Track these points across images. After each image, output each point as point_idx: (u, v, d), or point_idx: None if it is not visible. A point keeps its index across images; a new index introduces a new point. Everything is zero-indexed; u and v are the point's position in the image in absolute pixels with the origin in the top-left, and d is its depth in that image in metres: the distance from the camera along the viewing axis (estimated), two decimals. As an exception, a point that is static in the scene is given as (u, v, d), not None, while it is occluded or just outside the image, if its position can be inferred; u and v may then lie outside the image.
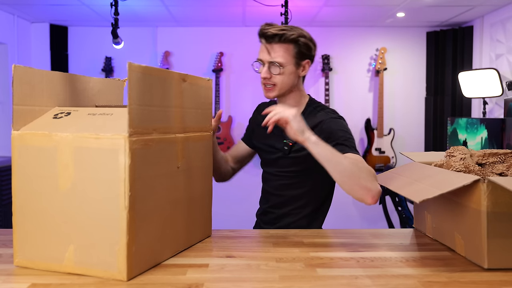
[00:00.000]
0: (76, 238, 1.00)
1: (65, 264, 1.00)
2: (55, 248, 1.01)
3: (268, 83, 1.50)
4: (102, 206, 0.98)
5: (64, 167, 1.00)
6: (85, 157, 0.99)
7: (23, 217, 1.06)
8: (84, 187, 0.99)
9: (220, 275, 1.00)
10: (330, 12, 3.78)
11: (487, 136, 3.04)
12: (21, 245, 1.06)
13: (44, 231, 1.03)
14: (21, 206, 1.07)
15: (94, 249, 0.98)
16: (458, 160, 1.24)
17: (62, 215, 1.01)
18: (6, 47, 3.79)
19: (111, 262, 0.97)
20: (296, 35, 1.47)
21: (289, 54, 1.48)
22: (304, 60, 1.52)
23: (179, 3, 3.54)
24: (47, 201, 1.02)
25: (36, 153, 1.04)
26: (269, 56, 1.48)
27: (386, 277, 1.00)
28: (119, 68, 4.33)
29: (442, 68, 4.29)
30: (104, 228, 0.97)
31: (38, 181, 1.03)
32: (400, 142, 4.42)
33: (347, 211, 4.47)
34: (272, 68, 1.48)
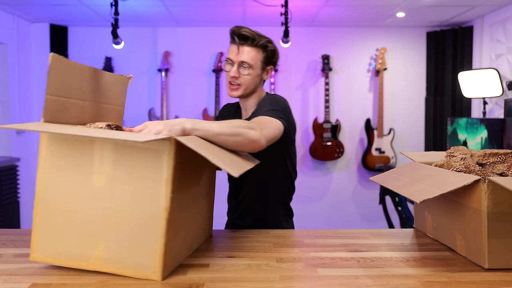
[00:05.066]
0: (107, 236, 0.98)
1: (93, 262, 0.99)
2: (82, 245, 0.99)
3: (235, 81, 1.58)
4: (139, 206, 0.97)
5: (100, 162, 0.98)
6: (127, 155, 0.97)
7: (47, 212, 1.02)
8: (122, 185, 0.97)
9: (220, 275, 1.00)
10: (330, 12, 3.78)
11: (487, 136, 3.04)
12: (42, 240, 1.02)
13: (71, 227, 1.00)
14: (45, 199, 1.02)
15: (127, 248, 0.97)
16: (458, 160, 1.24)
17: (93, 212, 0.99)
18: (6, 47, 3.79)
19: (145, 262, 0.96)
20: (266, 42, 1.58)
21: (258, 58, 1.58)
22: (269, 66, 1.63)
23: (179, 3, 3.54)
24: (77, 196, 1.00)
25: (69, 145, 1.01)
26: (240, 56, 1.56)
27: (386, 277, 1.00)
28: (119, 68, 4.33)
29: (442, 68, 4.29)
30: (140, 228, 0.97)
31: (68, 174, 1.00)
32: (400, 142, 4.42)
33: (347, 211, 4.47)
34: (241, 69, 1.56)
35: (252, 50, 1.56)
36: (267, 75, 1.64)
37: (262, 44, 1.56)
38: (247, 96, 1.63)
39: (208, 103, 4.34)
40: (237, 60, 1.56)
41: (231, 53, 1.58)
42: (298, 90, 4.42)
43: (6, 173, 3.56)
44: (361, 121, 4.40)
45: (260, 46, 1.56)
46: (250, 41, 1.55)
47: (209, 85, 4.37)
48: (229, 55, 1.59)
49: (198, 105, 4.34)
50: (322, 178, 4.46)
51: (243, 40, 1.55)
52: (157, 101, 4.35)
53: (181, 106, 4.36)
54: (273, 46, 1.61)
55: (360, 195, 4.47)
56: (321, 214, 4.38)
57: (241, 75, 1.57)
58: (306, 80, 4.41)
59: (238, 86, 1.58)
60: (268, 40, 1.59)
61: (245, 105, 1.67)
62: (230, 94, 1.60)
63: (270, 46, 1.59)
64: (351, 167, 4.47)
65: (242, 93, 1.59)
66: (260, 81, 1.63)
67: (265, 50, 1.58)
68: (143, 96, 4.37)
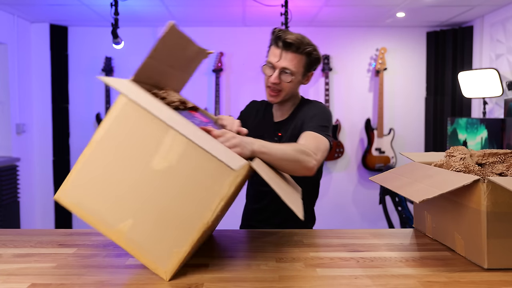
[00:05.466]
0: (140, 216, 0.98)
1: (114, 232, 0.98)
2: (112, 212, 0.99)
3: (275, 88, 1.52)
4: (184, 205, 0.97)
5: (169, 149, 0.97)
6: (198, 155, 0.96)
7: (93, 163, 1.00)
8: (179, 179, 0.97)
9: (220, 275, 1.00)
10: (330, 12, 3.78)
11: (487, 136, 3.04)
12: (75, 186, 1.01)
13: (110, 190, 0.99)
14: (98, 151, 1.01)
15: (152, 237, 0.97)
16: (458, 160, 1.24)
17: (138, 188, 0.98)
18: (6, 47, 3.79)
19: (162, 258, 0.97)
20: (311, 49, 1.52)
21: (301, 64, 1.52)
22: (310, 72, 1.58)
23: (179, 3, 3.54)
24: (130, 166, 0.99)
25: (145, 117, 0.98)
26: (282, 62, 1.49)
27: (386, 277, 1.00)
28: (119, 68, 4.33)
29: (442, 68, 4.29)
30: (174, 225, 0.97)
31: (131, 142, 0.99)
32: (400, 142, 4.42)
33: (347, 211, 4.47)
34: (282, 75, 1.50)
35: (295, 57, 1.49)
36: (307, 80, 1.59)
37: (307, 52, 1.51)
38: (284, 102, 1.60)
39: (208, 103, 4.34)
40: (279, 66, 1.49)
41: (272, 57, 1.51)
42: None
43: (6, 173, 3.56)
44: (361, 121, 4.40)
45: (305, 54, 1.51)
46: (295, 48, 1.48)
47: (209, 85, 4.37)
48: (270, 58, 1.52)
49: (198, 105, 4.33)
50: (322, 178, 4.43)
51: (287, 46, 1.48)
52: (157, 101, 4.35)
53: (181, 106, 4.36)
54: (317, 54, 1.55)
55: (360, 195, 4.47)
56: (321, 214, 4.37)
57: (282, 82, 1.51)
58: (306, 80, 4.40)
59: (278, 92, 1.53)
60: (313, 47, 1.53)
61: (280, 108, 1.64)
62: (270, 100, 1.56)
63: (315, 54, 1.53)
64: (351, 167, 4.46)
65: (282, 99, 1.56)
66: (299, 86, 1.60)
67: (309, 57, 1.52)
68: (143, 96, 4.37)
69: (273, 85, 1.52)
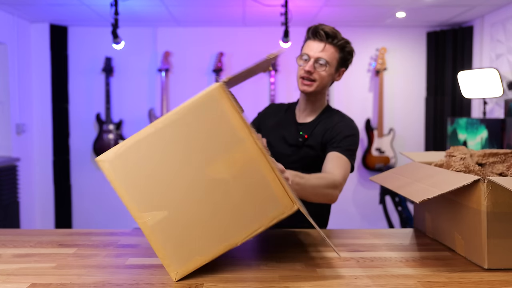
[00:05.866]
0: (176, 213, 0.96)
1: (142, 216, 0.95)
2: (150, 198, 0.96)
3: (309, 77, 1.55)
4: (227, 218, 0.96)
5: (234, 158, 0.95)
6: (256, 175, 0.96)
7: (147, 145, 0.96)
8: (231, 190, 0.96)
9: (220, 275, 1.00)
10: (330, 12, 3.78)
11: (487, 136, 3.04)
12: (123, 158, 0.96)
13: (155, 177, 0.96)
14: (155, 137, 0.95)
15: (180, 237, 0.96)
16: (458, 160, 1.24)
17: (184, 185, 0.95)
18: (6, 47, 3.79)
19: (181, 260, 0.96)
20: (344, 42, 1.56)
21: (334, 57, 1.56)
22: (342, 68, 1.61)
23: (179, 3, 3.54)
24: (185, 161, 0.96)
25: (225, 118, 0.95)
26: (318, 53, 1.53)
27: (386, 277, 1.00)
28: (119, 68, 4.33)
29: (442, 68, 4.29)
30: (205, 233, 0.96)
31: (195, 137, 0.95)
32: (400, 142, 4.42)
33: (347, 211, 4.47)
34: (317, 65, 1.54)
35: (331, 48, 1.54)
36: (339, 77, 1.62)
37: (341, 45, 1.55)
38: (316, 95, 1.61)
39: (208, 103, 4.34)
40: (314, 55, 1.53)
41: (307, 49, 1.55)
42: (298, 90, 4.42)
43: (6, 173, 3.56)
44: (361, 121, 4.40)
45: (339, 46, 1.55)
46: (331, 39, 1.53)
47: (209, 85, 4.36)
48: (305, 50, 1.56)
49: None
50: (322, 178, 4.45)
51: (324, 37, 1.53)
52: (157, 101, 4.35)
53: (181, 106, 4.36)
54: (351, 48, 1.59)
55: (360, 195, 4.47)
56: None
57: (316, 71, 1.54)
58: (306, 80, 4.40)
59: (312, 82, 1.56)
60: (346, 41, 1.57)
61: (308, 105, 1.64)
62: (302, 89, 1.58)
63: (348, 47, 1.57)
64: (351, 167, 4.46)
65: (315, 90, 1.57)
66: (331, 82, 1.61)
67: (342, 51, 1.56)
68: (143, 96, 4.37)
69: (307, 74, 1.55)
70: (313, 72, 1.54)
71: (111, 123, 4.27)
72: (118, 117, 4.35)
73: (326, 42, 1.53)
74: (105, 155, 0.97)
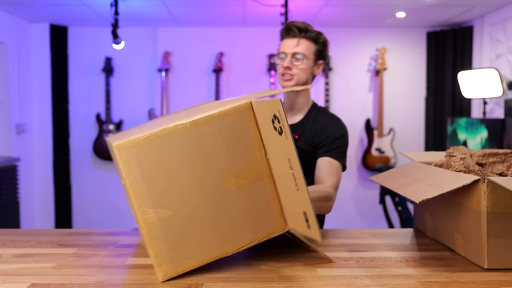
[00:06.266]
0: (180, 214, 0.95)
1: (143, 211, 0.94)
2: (157, 194, 0.95)
3: (288, 72, 1.59)
4: (225, 227, 0.98)
5: (245, 176, 0.99)
6: (264, 191, 1.00)
7: (166, 141, 0.94)
8: (236, 201, 0.98)
9: (220, 275, 1.00)
10: (330, 12, 3.78)
11: (487, 136, 3.04)
12: (139, 148, 0.93)
13: (167, 175, 0.95)
14: (177, 135, 0.95)
15: (177, 239, 0.96)
16: (458, 160, 1.24)
17: (194, 187, 0.96)
18: (6, 47, 3.79)
19: (172, 262, 0.96)
20: (316, 34, 1.61)
21: (310, 50, 1.60)
22: (320, 60, 1.65)
23: (179, 3, 3.54)
24: (202, 165, 0.96)
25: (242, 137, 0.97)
26: (293, 48, 1.58)
27: (386, 277, 1.00)
28: (119, 68, 4.33)
29: (442, 68, 4.29)
30: (204, 240, 0.97)
31: (220, 143, 0.96)
32: (400, 142, 4.42)
33: (347, 211, 4.47)
34: (294, 60, 1.58)
35: (305, 41, 1.59)
36: (318, 69, 1.66)
37: (314, 37, 1.60)
38: (298, 92, 1.63)
39: (208, 103, 4.34)
40: (290, 52, 1.58)
41: (283, 47, 1.61)
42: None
43: (6, 173, 3.56)
44: (361, 121, 4.40)
45: (311, 39, 1.59)
46: (304, 33, 1.58)
47: (209, 85, 4.37)
48: (282, 49, 1.61)
49: (198, 105, 4.34)
50: (322, 178, 4.45)
51: (297, 32, 1.58)
52: (157, 101, 4.35)
53: (181, 106, 4.36)
54: (324, 38, 1.64)
55: (360, 195, 4.47)
56: (321, 214, 4.38)
57: (294, 66, 1.58)
58: (306, 80, 4.40)
59: (291, 76, 1.59)
60: (318, 32, 1.62)
61: (292, 104, 1.66)
62: (283, 84, 1.61)
63: (321, 38, 1.62)
64: (351, 167, 4.46)
65: (296, 84, 1.60)
66: (310, 76, 1.64)
67: (317, 42, 1.61)
68: (143, 96, 4.37)
69: (285, 69, 1.58)
70: (292, 67, 1.58)
71: (111, 123, 4.27)
72: (118, 117, 4.35)
73: (300, 36, 1.58)
74: (122, 142, 0.93)
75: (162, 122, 1.03)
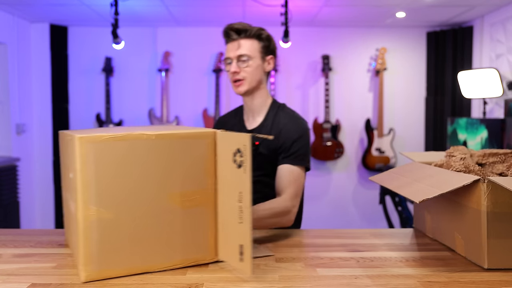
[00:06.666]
0: (122, 222, 0.97)
1: (85, 208, 0.95)
2: (104, 194, 0.96)
3: (237, 78, 1.55)
4: (159, 242, 1.02)
5: (191, 199, 1.04)
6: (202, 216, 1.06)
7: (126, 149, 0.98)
8: (178, 226, 1.03)
9: (220, 275, 1.00)
10: (330, 12, 3.78)
11: (487, 136, 3.04)
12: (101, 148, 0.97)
13: (121, 180, 0.97)
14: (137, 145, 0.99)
15: (114, 245, 0.97)
16: (458, 160, 1.24)
17: (139, 200, 0.99)
18: (6, 47, 3.79)
19: (102, 265, 0.96)
20: (257, 30, 1.55)
21: (255, 48, 1.55)
22: (268, 56, 1.59)
23: (179, 3, 3.54)
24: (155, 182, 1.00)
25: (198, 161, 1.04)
26: (236, 51, 1.53)
27: (386, 277, 1.00)
28: (119, 68, 4.33)
29: (442, 68, 4.29)
30: (137, 252, 1.00)
31: (171, 162, 1.01)
32: (400, 142, 4.42)
33: (347, 211, 4.47)
34: (240, 63, 1.54)
35: (247, 41, 1.54)
36: (269, 65, 1.60)
37: (255, 34, 1.54)
38: (252, 93, 1.59)
39: (208, 103, 4.34)
40: (234, 56, 1.53)
41: (228, 52, 1.56)
42: (298, 90, 4.42)
43: (6, 173, 3.56)
44: (361, 121, 4.40)
45: (253, 36, 1.54)
46: (243, 33, 1.53)
47: (209, 85, 4.37)
48: (226, 54, 1.56)
49: (198, 105, 4.34)
50: (322, 178, 4.46)
51: (236, 34, 1.53)
52: (157, 101, 4.35)
53: (181, 106, 4.36)
54: (266, 33, 1.58)
55: (360, 195, 4.47)
56: (321, 214, 4.38)
57: (241, 69, 1.53)
58: (306, 80, 4.41)
59: (241, 81, 1.55)
60: (259, 28, 1.56)
61: (251, 107, 1.62)
62: (236, 90, 1.57)
63: (263, 33, 1.57)
64: (351, 167, 4.46)
65: (248, 88, 1.55)
66: (263, 74, 1.59)
67: (259, 39, 1.56)
68: (143, 96, 4.37)
69: (234, 75, 1.54)
70: (239, 71, 1.54)
71: (111, 123, 4.27)
72: (118, 117, 4.35)
73: (240, 38, 1.54)
74: (89, 136, 0.95)
75: (135, 129, 1.07)
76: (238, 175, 0.97)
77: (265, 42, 1.57)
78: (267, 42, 1.57)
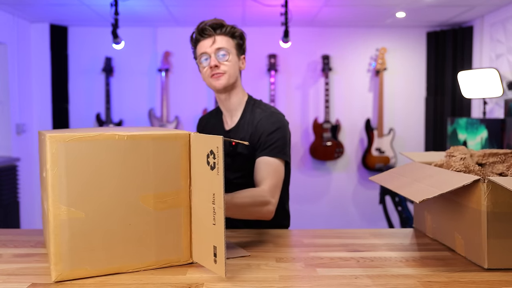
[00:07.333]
0: (86, 219, 0.97)
1: (58, 207, 0.95)
2: (74, 197, 0.96)
3: (217, 72, 1.50)
4: (131, 243, 1.02)
5: (165, 200, 1.04)
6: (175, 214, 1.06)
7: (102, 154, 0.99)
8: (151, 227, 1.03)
9: (220, 275, 1.00)
10: (330, 12, 3.78)
11: (487, 136, 3.04)
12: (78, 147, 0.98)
13: (92, 181, 0.97)
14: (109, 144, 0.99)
15: (87, 244, 0.97)
16: (458, 160, 1.24)
17: (111, 201, 0.99)
18: (6, 47, 3.79)
19: (74, 265, 0.96)
20: (231, 28, 1.53)
21: (230, 44, 1.53)
22: (242, 54, 1.58)
23: (179, 3, 3.54)
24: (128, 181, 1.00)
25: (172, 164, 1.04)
26: (214, 45, 1.50)
27: (386, 277, 1.00)
28: (119, 68, 4.33)
29: (442, 68, 4.29)
30: (111, 252, 1.00)
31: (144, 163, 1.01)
32: (400, 142, 4.42)
33: (347, 211, 4.47)
34: (219, 57, 1.50)
35: (223, 38, 1.51)
36: (243, 65, 1.58)
37: (230, 31, 1.52)
38: (229, 90, 1.56)
39: (208, 103, 4.34)
40: (212, 50, 1.49)
41: (202, 48, 1.52)
42: (298, 90, 4.42)
43: (6, 173, 3.56)
44: (361, 121, 4.40)
45: (228, 34, 1.52)
46: (219, 30, 1.50)
47: (209, 85, 4.37)
48: (201, 50, 1.52)
49: (198, 105, 4.34)
50: (322, 178, 4.46)
51: (212, 30, 1.50)
52: (157, 101, 4.35)
53: (181, 106, 4.36)
54: (240, 31, 1.55)
55: (360, 195, 4.47)
56: (321, 214, 4.38)
57: (221, 63, 1.49)
58: (306, 80, 4.41)
59: (221, 74, 1.50)
60: (232, 26, 1.53)
61: (228, 106, 1.59)
62: (216, 84, 1.51)
63: (237, 31, 1.54)
64: (351, 167, 4.46)
65: (227, 82, 1.51)
66: (238, 71, 1.57)
67: (233, 37, 1.53)
68: (143, 96, 4.37)
69: (214, 69, 1.50)
70: (220, 65, 1.50)
71: (111, 123, 4.27)
72: (118, 117, 4.35)
73: (216, 34, 1.50)
74: (60, 135, 0.95)
75: (108, 130, 1.07)
76: (211, 177, 0.97)
77: (239, 40, 1.55)
78: (240, 40, 1.56)
